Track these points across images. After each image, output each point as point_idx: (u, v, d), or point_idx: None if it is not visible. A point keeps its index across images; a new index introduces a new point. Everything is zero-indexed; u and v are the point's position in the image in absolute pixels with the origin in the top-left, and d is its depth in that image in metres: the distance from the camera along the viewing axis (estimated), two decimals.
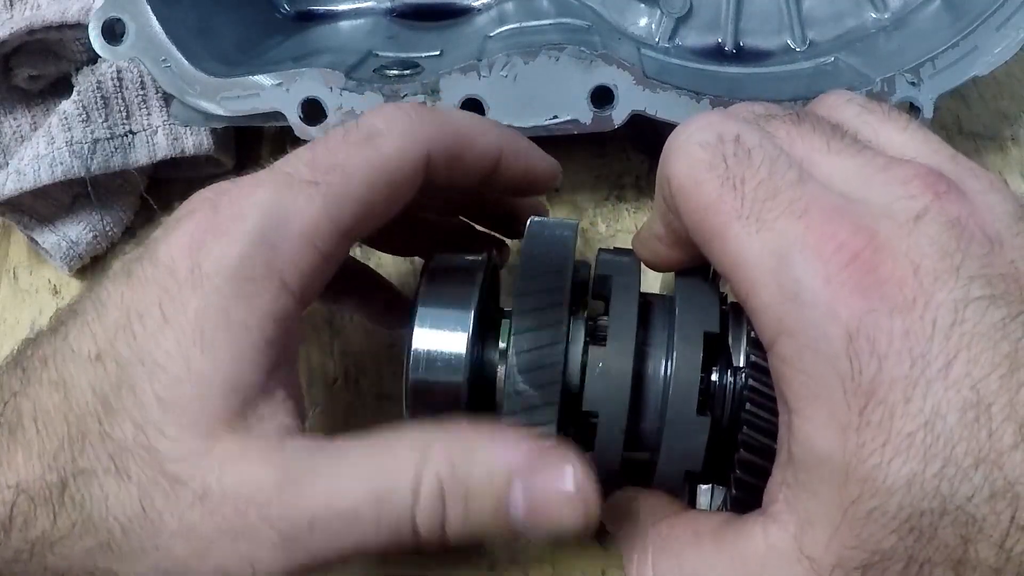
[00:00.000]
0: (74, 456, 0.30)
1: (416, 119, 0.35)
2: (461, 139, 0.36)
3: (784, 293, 0.27)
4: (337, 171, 0.33)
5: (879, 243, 0.26)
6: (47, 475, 0.30)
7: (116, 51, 0.47)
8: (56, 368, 0.31)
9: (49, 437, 0.30)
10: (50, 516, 0.30)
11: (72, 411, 0.31)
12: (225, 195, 0.33)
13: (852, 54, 0.52)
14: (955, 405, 0.25)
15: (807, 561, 0.27)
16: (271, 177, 0.33)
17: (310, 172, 0.33)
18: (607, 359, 0.35)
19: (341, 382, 0.50)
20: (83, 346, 0.31)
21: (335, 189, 0.32)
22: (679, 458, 0.35)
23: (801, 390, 0.27)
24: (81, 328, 0.32)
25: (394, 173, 0.34)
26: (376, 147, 0.34)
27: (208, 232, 0.31)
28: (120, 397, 0.30)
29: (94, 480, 0.30)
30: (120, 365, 0.30)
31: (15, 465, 0.30)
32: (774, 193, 0.28)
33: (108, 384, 0.30)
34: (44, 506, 0.30)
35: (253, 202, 0.32)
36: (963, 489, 0.25)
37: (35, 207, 0.51)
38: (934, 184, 0.28)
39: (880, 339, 0.26)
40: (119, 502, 0.30)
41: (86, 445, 0.30)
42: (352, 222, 0.33)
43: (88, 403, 0.30)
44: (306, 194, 0.32)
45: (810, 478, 0.27)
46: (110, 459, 0.30)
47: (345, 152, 0.33)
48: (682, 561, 0.31)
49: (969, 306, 0.26)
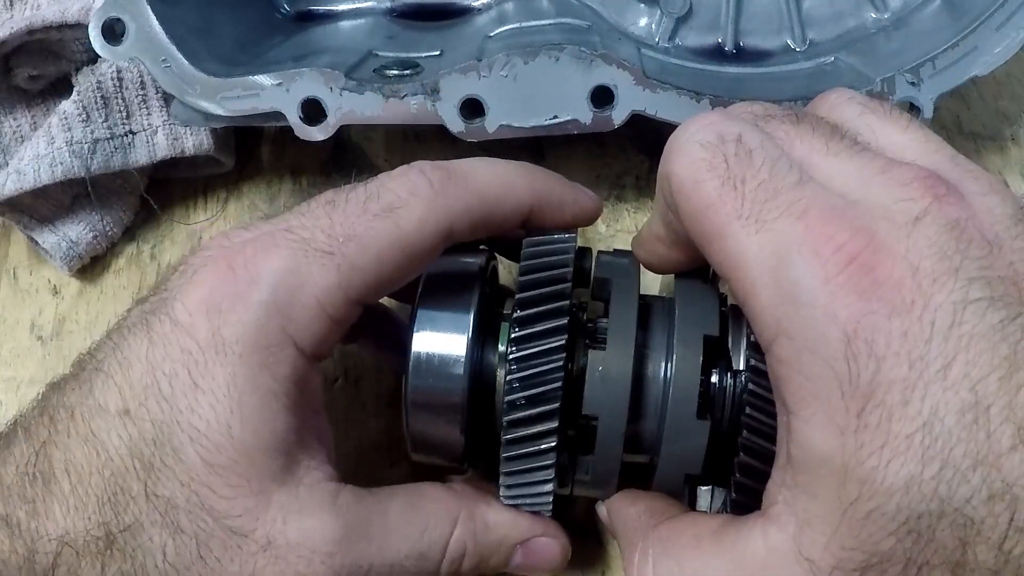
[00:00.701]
0: (117, 512, 0.32)
1: (440, 190, 0.35)
2: (487, 204, 0.36)
3: (783, 294, 0.27)
4: (354, 242, 0.33)
5: (878, 244, 0.26)
6: (92, 530, 0.31)
7: (116, 51, 0.47)
8: (84, 421, 0.32)
9: (86, 492, 0.32)
10: (96, 567, 0.31)
11: (107, 467, 0.32)
12: (240, 254, 0.33)
13: (852, 54, 0.52)
14: (953, 407, 0.25)
15: (806, 563, 0.27)
16: (287, 241, 0.33)
17: (327, 241, 0.33)
18: (607, 363, 0.35)
19: (341, 382, 0.49)
20: (109, 401, 0.32)
21: (350, 260, 0.33)
22: (679, 461, 0.34)
23: (799, 392, 0.27)
24: (106, 382, 0.33)
25: (412, 248, 0.34)
26: (395, 221, 0.34)
27: (224, 295, 0.32)
28: (162, 458, 0.32)
29: (143, 533, 0.31)
30: (156, 425, 0.32)
31: (54, 517, 0.32)
32: (774, 194, 0.28)
33: (144, 443, 0.32)
34: (90, 558, 0.31)
35: (269, 267, 0.33)
36: (961, 491, 0.25)
37: (35, 207, 0.51)
38: (933, 186, 0.28)
39: (878, 341, 0.26)
40: (175, 551, 0.31)
41: (129, 502, 0.32)
42: (364, 292, 0.34)
43: (124, 461, 0.32)
44: (320, 263, 0.33)
45: (809, 480, 0.27)
46: (159, 515, 0.32)
47: (364, 224, 0.33)
48: (682, 563, 0.31)
49: (968, 308, 0.26)
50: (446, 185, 0.35)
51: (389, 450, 0.47)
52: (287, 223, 0.34)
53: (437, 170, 0.36)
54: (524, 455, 0.35)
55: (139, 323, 0.34)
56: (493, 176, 0.37)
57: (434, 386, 0.36)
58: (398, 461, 0.47)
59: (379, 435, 0.48)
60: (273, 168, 0.56)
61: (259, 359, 0.32)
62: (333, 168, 0.56)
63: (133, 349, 0.33)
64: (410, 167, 0.36)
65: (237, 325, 0.32)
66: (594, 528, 0.45)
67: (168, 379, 0.32)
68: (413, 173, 0.36)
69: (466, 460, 0.39)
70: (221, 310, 0.32)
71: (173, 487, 0.32)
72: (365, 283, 0.33)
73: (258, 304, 0.32)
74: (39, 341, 0.52)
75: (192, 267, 0.34)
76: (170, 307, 0.33)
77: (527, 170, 0.39)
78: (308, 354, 0.33)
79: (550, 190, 0.39)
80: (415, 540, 0.35)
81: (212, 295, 0.33)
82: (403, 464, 0.47)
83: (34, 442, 0.33)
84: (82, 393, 0.33)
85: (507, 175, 0.38)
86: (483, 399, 0.37)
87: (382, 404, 0.49)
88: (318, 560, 0.33)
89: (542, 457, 0.35)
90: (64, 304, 0.53)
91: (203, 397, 0.32)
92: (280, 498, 0.32)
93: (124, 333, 0.34)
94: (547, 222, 0.39)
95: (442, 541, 0.36)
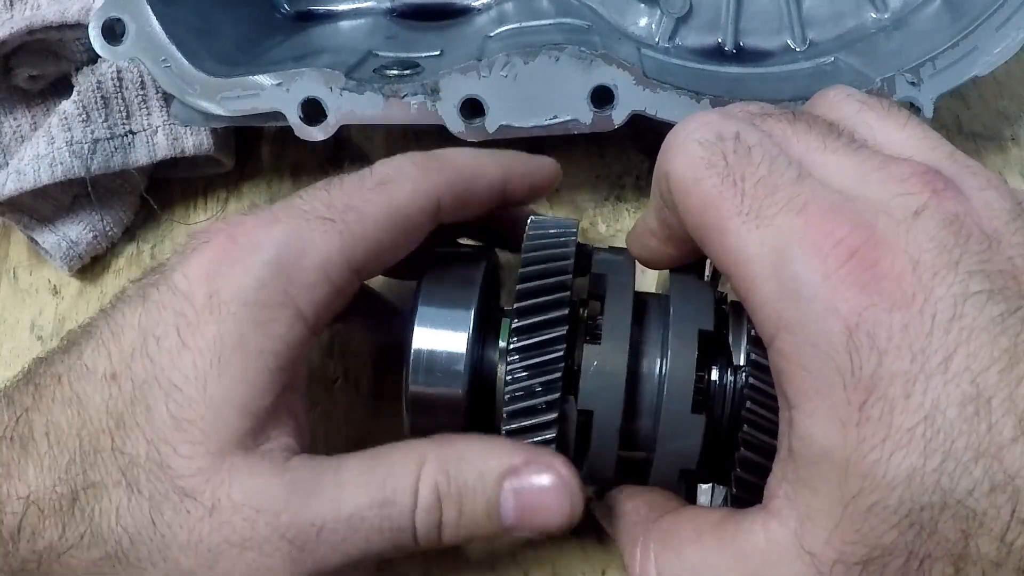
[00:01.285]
0: (85, 469, 0.31)
1: (423, 168, 0.37)
2: (466, 180, 0.38)
3: (783, 289, 0.27)
4: (353, 211, 0.34)
5: (878, 239, 0.27)
6: (58, 487, 0.31)
7: (116, 51, 0.47)
8: (70, 385, 0.32)
9: (61, 452, 0.31)
10: (59, 527, 0.31)
11: (85, 427, 0.32)
12: (241, 226, 0.34)
13: (852, 54, 0.52)
14: (955, 399, 0.25)
15: (808, 556, 0.27)
16: (287, 213, 0.34)
17: (327, 210, 0.34)
18: (602, 357, 0.35)
19: (341, 382, 0.49)
20: (98, 365, 0.32)
21: (351, 228, 0.34)
22: (674, 456, 0.35)
23: (801, 386, 0.27)
24: (96, 347, 0.33)
25: (407, 219, 0.36)
26: (389, 194, 0.35)
27: (225, 260, 0.32)
28: (134, 415, 0.31)
29: (104, 493, 0.31)
30: (136, 384, 0.32)
31: (26, 478, 0.31)
32: (773, 190, 0.28)
33: (123, 402, 0.32)
34: (53, 517, 0.31)
35: (270, 234, 0.33)
36: (963, 483, 0.25)
37: (35, 207, 0.51)
38: (931, 181, 0.28)
39: (879, 334, 0.26)
40: (129, 514, 0.31)
41: (98, 459, 0.31)
42: (365, 260, 0.34)
43: (102, 420, 0.31)
44: (322, 229, 0.33)
45: (810, 473, 0.27)
46: (121, 473, 0.31)
47: (360, 196, 0.35)
48: (683, 556, 0.31)
49: (968, 301, 0.26)
50: (430, 164, 0.37)
51: None
52: (287, 202, 0.35)
53: (419, 153, 0.38)
54: None
55: (136, 294, 0.34)
56: (468, 157, 0.40)
57: (435, 384, 0.36)
58: None
59: (379, 435, 0.48)
60: (273, 168, 0.56)
61: (253, 317, 0.32)
62: (333, 168, 0.56)
63: (127, 317, 0.33)
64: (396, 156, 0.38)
65: (235, 285, 0.32)
66: (594, 527, 0.45)
67: (157, 340, 0.32)
68: (398, 157, 0.38)
69: None
70: (221, 273, 0.32)
71: (138, 444, 0.31)
72: (366, 250, 0.34)
73: (261, 264, 0.32)
74: (39, 341, 0.52)
75: (191, 244, 0.34)
76: (169, 276, 0.33)
77: (494, 151, 0.41)
78: (308, 319, 0.33)
79: (517, 165, 0.41)
80: (376, 489, 0.32)
81: (212, 262, 0.33)
82: None
83: (16, 408, 0.33)
84: (71, 359, 0.33)
85: (479, 155, 0.40)
86: (484, 395, 0.37)
87: (382, 404, 0.49)
88: (263, 521, 0.31)
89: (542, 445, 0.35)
90: (64, 304, 0.53)
91: (188, 355, 0.31)
92: (235, 461, 0.31)
93: (119, 304, 0.34)
94: (519, 194, 0.41)
95: (409, 484, 0.32)
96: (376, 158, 0.56)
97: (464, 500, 0.33)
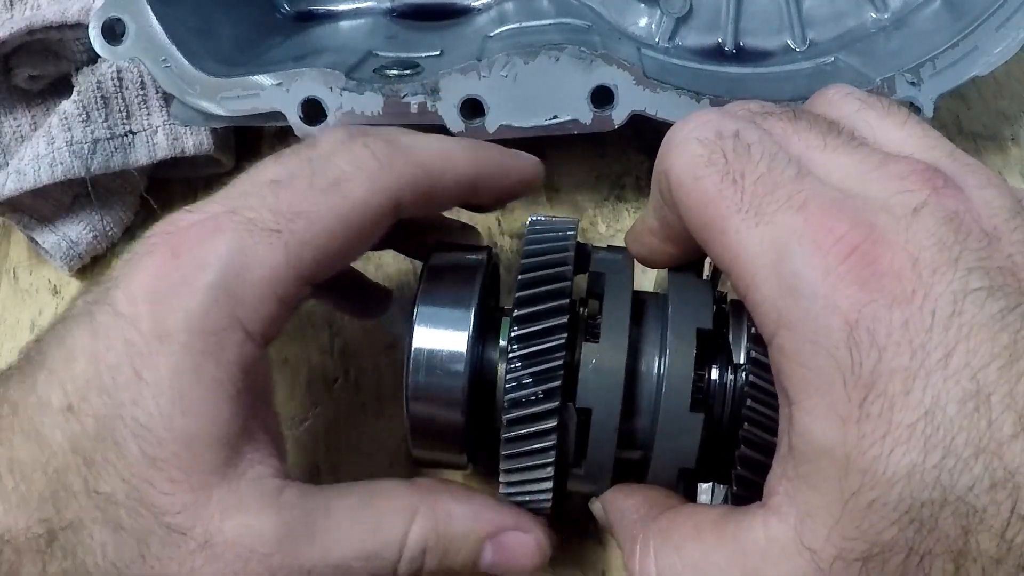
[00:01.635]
0: (59, 509, 0.31)
1: (385, 162, 0.35)
2: (431, 176, 0.36)
3: (784, 286, 0.27)
4: (301, 219, 0.33)
5: (877, 236, 0.27)
6: (33, 528, 0.31)
7: (116, 51, 0.47)
8: (28, 418, 0.32)
9: (29, 489, 0.31)
10: (39, 565, 0.31)
11: (51, 463, 0.31)
12: (183, 237, 0.32)
13: (852, 54, 0.52)
14: (955, 395, 0.25)
15: (808, 553, 0.27)
16: (233, 222, 0.32)
17: (273, 219, 0.33)
18: (600, 355, 0.35)
19: (341, 382, 0.49)
20: (52, 397, 0.32)
21: (298, 237, 0.32)
22: (673, 454, 0.35)
23: (801, 382, 0.27)
24: (49, 377, 0.32)
25: (360, 220, 0.34)
26: (342, 194, 0.34)
27: (168, 281, 0.32)
28: (103, 452, 0.31)
29: (84, 531, 0.31)
30: (98, 420, 0.31)
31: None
32: (773, 187, 0.28)
33: (87, 439, 0.31)
34: (31, 555, 0.31)
35: (214, 251, 0.32)
36: (963, 479, 0.25)
37: (35, 207, 0.51)
38: (931, 179, 0.28)
39: (879, 330, 0.26)
40: (115, 551, 0.31)
41: (71, 499, 0.31)
42: (314, 268, 0.33)
43: (67, 457, 0.31)
44: (267, 243, 0.32)
45: (810, 470, 0.27)
46: (99, 511, 0.31)
47: (311, 199, 0.33)
48: (683, 553, 0.31)
49: (968, 297, 0.26)
50: (391, 158, 0.35)
51: (389, 450, 0.47)
52: (231, 204, 0.33)
53: (381, 142, 0.36)
54: (524, 451, 0.35)
55: (83, 314, 0.33)
56: (435, 148, 0.38)
57: (435, 382, 0.36)
58: (398, 461, 0.47)
59: (379, 435, 0.48)
60: None
61: (203, 346, 0.31)
62: None
63: (77, 342, 0.32)
64: (353, 139, 0.36)
65: (181, 312, 0.31)
66: (594, 528, 0.45)
67: (111, 372, 0.31)
68: (357, 147, 0.35)
69: (467, 456, 0.39)
70: (165, 298, 0.31)
71: (114, 483, 0.31)
72: (315, 260, 0.33)
73: (204, 288, 0.31)
74: None
75: (137, 255, 0.33)
76: (113, 297, 0.32)
77: (466, 142, 0.39)
78: (257, 338, 0.32)
79: (490, 159, 0.39)
80: (365, 539, 0.33)
81: (155, 283, 0.32)
82: (403, 464, 0.47)
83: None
84: (25, 388, 0.32)
85: (448, 147, 0.38)
86: (484, 395, 0.37)
87: (382, 404, 0.49)
88: (255, 560, 0.31)
89: (542, 447, 0.35)
90: (64, 304, 0.53)
91: (146, 389, 0.31)
92: (220, 493, 0.31)
93: (69, 325, 0.33)
94: (493, 192, 0.40)
95: (398, 538, 0.34)
96: None
97: (448, 554, 0.35)
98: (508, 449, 0.35)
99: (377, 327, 0.50)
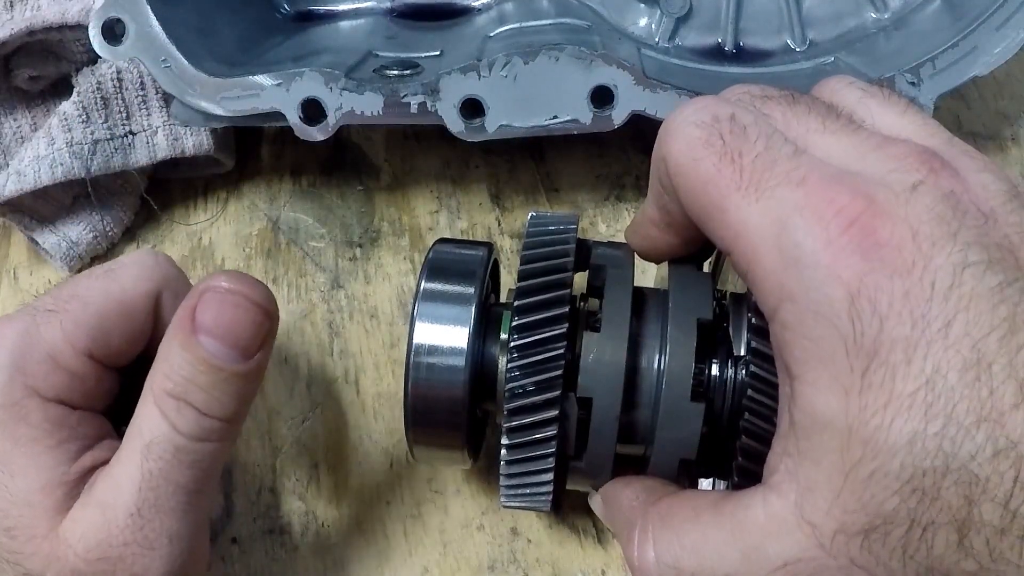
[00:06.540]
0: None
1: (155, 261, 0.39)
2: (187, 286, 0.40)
3: (785, 258, 0.27)
4: (76, 300, 0.37)
5: (877, 208, 0.27)
6: None
7: (116, 51, 0.47)
8: None
9: None
10: None
11: None
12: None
13: (852, 54, 0.52)
14: (955, 364, 0.25)
15: (808, 527, 0.27)
16: (21, 312, 0.37)
17: (53, 303, 0.37)
18: (601, 345, 0.35)
19: (341, 382, 0.50)
20: None
21: (72, 316, 0.36)
22: (673, 445, 0.35)
23: (803, 355, 0.27)
24: None
25: (127, 301, 0.38)
26: (113, 278, 0.38)
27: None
28: None
29: None
30: None
31: None
32: (772, 164, 0.29)
33: None
34: None
35: (4, 336, 0.36)
36: (966, 447, 0.25)
37: (35, 208, 0.52)
38: (928, 160, 0.28)
39: (881, 300, 0.26)
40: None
41: None
42: (90, 343, 0.36)
43: None
44: (46, 322, 0.36)
45: (811, 445, 0.27)
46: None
47: (85, 284, 0.38)
48: (682, 536, 0.31)
49: (967, 270, 0.26)
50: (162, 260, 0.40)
51: (389, 450, 0.47)
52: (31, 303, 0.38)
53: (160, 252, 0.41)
54: (525, 442, 0.35)
55: None
56: None
57: (436, 377, 0.36)
58: (398, 461, 0.47)
59: (379, 435, 0.48)
60: (273, 168, 0.56)
61: (10, 417, 0.35)
62: (333, 168, 0.56)
63: None
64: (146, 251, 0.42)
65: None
66: (594, 526, 0.45)
67: None
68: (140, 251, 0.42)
69: (468, 452, 0.39)
70: None
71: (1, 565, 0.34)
72: (90, 335, 0.36)
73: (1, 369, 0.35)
74: None
75: None
76: None
77: None
78: (53, 401, 0.36)
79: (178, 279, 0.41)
80: None
81: None
82: (403, 464, 0.47)
83: None
84: None
85: None
86: (484, 389, 0.37)
87: (382, 404, 0.49)
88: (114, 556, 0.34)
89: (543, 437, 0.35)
90: None
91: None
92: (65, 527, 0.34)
93: None
94: None
95: None
96: (376, 158, 0.57)
97: None
98: (509, 439, 0.35)
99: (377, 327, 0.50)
